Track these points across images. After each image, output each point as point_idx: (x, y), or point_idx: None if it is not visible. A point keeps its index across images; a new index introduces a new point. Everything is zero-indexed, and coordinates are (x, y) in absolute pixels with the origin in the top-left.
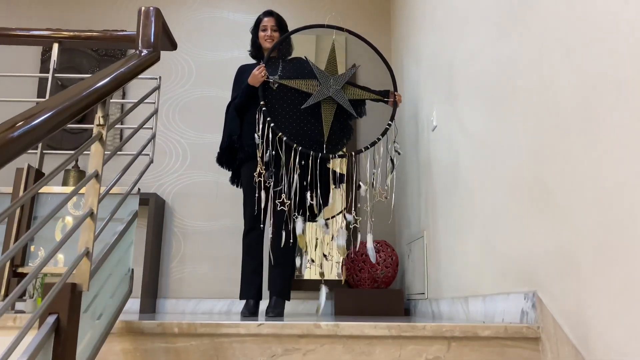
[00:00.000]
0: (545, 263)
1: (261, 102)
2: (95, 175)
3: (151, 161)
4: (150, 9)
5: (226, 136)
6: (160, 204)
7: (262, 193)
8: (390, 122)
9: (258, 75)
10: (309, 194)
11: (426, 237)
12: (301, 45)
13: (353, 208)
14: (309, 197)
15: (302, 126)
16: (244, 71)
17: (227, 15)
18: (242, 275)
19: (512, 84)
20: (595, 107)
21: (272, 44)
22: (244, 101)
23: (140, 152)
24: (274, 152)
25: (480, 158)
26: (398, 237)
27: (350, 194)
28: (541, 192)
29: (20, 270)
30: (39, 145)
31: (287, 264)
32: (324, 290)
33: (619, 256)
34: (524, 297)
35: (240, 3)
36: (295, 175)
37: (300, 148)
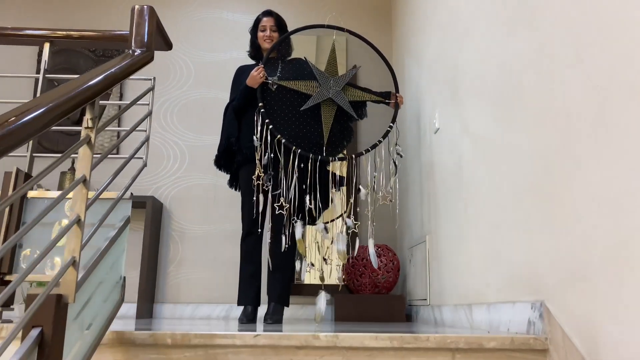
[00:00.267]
0: (553, 272)
1: (260, 104)
2: (83, 181)
3: (144, 165)
4: (144, 7)
5: (224, 138)
6: (158, 207)
7: (261, 196)
8: (391, 124)
9: (256, 76)
10: (308, 197)
11: (428, 241)
12: (301, 45)
13: (352, 212)
14: (308, 200)
15: (301, 128)
16: (243, 72)
17: (226, 16)
18: (240, 281)
19: (519, 86)
20: (606, 112)
21: (272, 44)
22: (242, 103)
23: (133, 155)
24: (272, 155)
25: (485, 162)
26: (399, 241)
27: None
28: (549, 198)
29: (7, 278)
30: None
31: (286, 269)
32: (323, 297)
33: (632, 265)
34: (531, 307)
35: (239, 3)
36: (294, 179)
37: (299, 151)
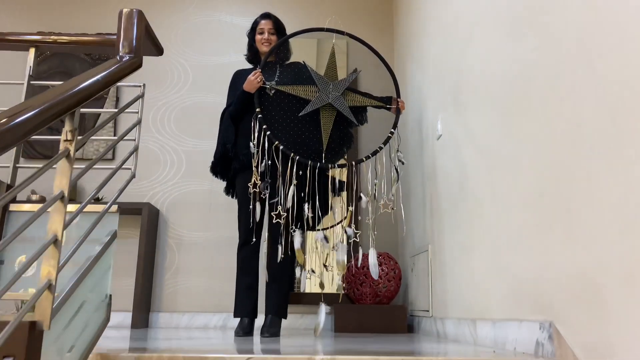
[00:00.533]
0: (564, 291)
1: (257, 109)
2: (61, 197)
3: (133, 176)
4: (133, 11)
5: (220, 145)
6: (154, 214)
7: (258, 205)
8: (392, 130)
9: (254, 80)
10: (306, 206)
11: (431, 251)
12: (302, 49)
13: (353, 221)
14: (306, 209)
15: (299, 134)
16: (240, 76)
17: (224, 18)
18: (237, 292)
19: (526, 92)
20: (622, 121)
21: (270, 47)
22: (239, 108)
23: (120, 166)
24: (270, 162)
25: (490, 171)
26: (401, 248)
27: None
28: (560, 212)
29: None
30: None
31: (283, 280)
32: (323, 309)
33: None
34: (539, 327)
35: (237, 6)
36: (292, 187)
37: (297, 157)
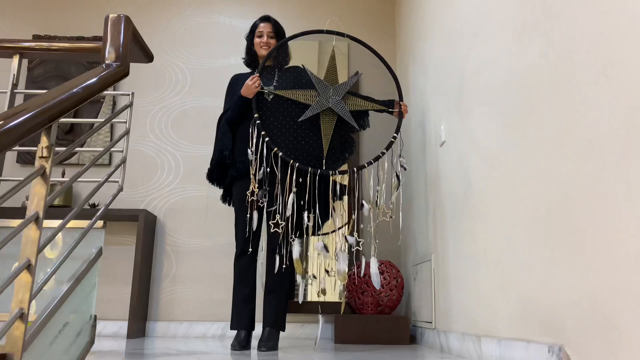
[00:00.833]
0: (575, 314)
1: (255, 115)
2: (35, 219)
3: (120, 189)
4: (120, 17)
5: (217, 152)
6: (151, 221)
7: (255, 213)
8: (395, 135)
9: (251, 85)
10: (306, 214)
11: (434, 261)
12: (303, 51)
13: (355, 229)
14: (306, 218)
15: (299, 140)
16: (238, 81)
17: (223, 21)
18: (233, 304)
19: (533, 100)
20: (638, 134)
21: (268, 51)
22: (237, 114)
23: (106, 180)
24: (268, 169)
25: (496, 181)
26: (403, 256)
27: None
28: (570, 229)
29: None
30: None
31: (281, 291)
32: (321, 322)
33: None
34: (548, 350)
35: (237, 8)
36: (291, 194)
37: (297, 164)
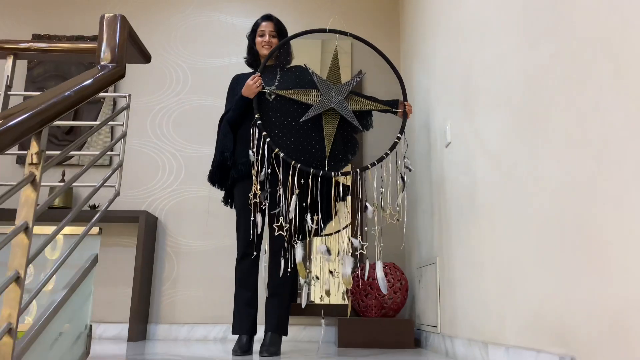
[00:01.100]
0: (589, 325)
1: (256, 115)
2: (25, 229)
3: (117, 194)
4: (116, 17)
5: (218, 153)
6: (152, 222)
7: (258, 216)
8: (399, 135)
9: (252, 85)
10: (309, 217)
11: (439, 264)
12: (305, 50)
13: (359, 232)
14: (309, 220)
15: (301, 141)
16: (239, 81)
17: (224, 19)
18: (235, 308)
19: (544, 100)
20: None
21: (270, 50)
22: (238, 114)
23: (102, 184)
24: (270, 171)
25: (503, 183)
26: (407, 258)
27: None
28: (584, 237)
29: None
30: None
31: (284, 295)
32: (323, 326)
33: None
34: None
35: (238, 6)
36: (294, 196)
37: (299, 165)
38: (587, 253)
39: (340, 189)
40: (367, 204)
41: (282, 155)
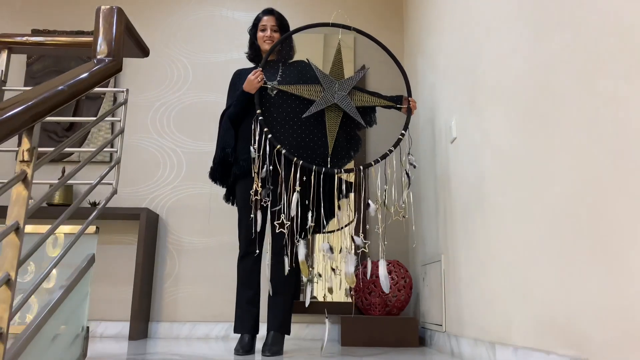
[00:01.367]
0: (603, 326)
1: (257, 111)
2: (16, 229)
3: (115, 191)
4: (112, 9)
5: (219, 149)
6: (153, 219)
7: (259, 214)
8: (403, 132)
9: (254, 80)
10: (310, 214)
11: (444, 261)
12: (308, 45)
13: (361, 230)
14: (310, 218)
15: (303, 137)
16: (240, 76)
17: (226, 14)
18: (237, 307)
19: (556, 95)
20: None
21: (272, 45)
22: (239, 110)
23: (99, 182)
24: (271, 167)
25: (512, 180)
26: (411, 255)
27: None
28: (599, 234)
29: None
30: None
31: (287, 294)
32: (328, 325)
33: None
34: None
35: (240, 1)
36: (295, 194)
37: (301, 162)
38: (601, 251)
39: (343, 186)
40: (370, 201)
41: (284, 152)
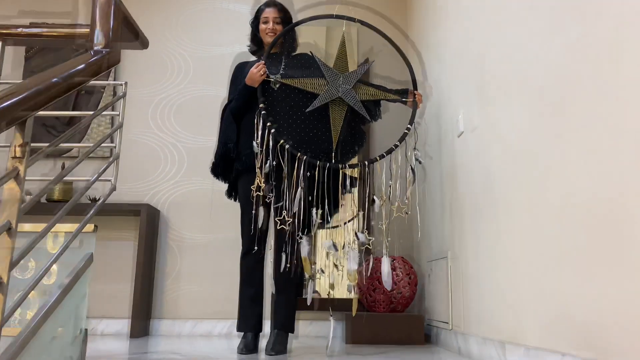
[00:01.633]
0: (620, 329)
1: (260, 105)
2: (8, 229)
3: (113, 188)
4: None
5: (221, 144)
6: (154, 215)
7: (261, 210)
8: (409, 126)
9: (256, 73)
10: (315, 210)
11: (450, 258)
12: (310, 37)
13: (365, 226)
14: (314, 214)
15: (307, 132)
16: (242, 69)
17: (227, 6)
18: (240, 305)
19: (572, 88)
20: None
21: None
22: (241, 104)
23: (96, 179)
24: (275, 162)
25: (522, 175)
26: (417, 251)
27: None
28: (619, 232)
29: None
30: None
31: (290, 291)
32: (332, 324)
33: None
34: None
35: None
36: (299, 189)
37: (305, 157)
38: (618, 249)
39: (347, 181)
40: (375, 197)
41: (287, 146)
